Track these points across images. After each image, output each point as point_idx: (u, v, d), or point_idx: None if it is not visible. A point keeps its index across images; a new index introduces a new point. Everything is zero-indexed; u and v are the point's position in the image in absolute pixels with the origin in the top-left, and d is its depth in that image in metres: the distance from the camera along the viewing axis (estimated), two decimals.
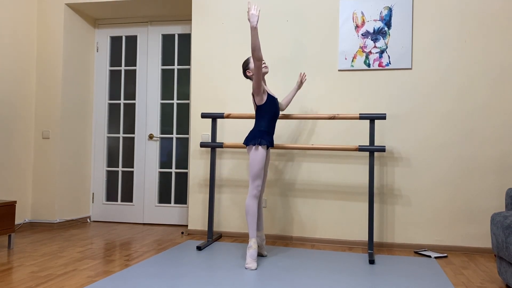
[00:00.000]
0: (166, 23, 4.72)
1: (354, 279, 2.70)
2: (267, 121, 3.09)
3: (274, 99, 3.13)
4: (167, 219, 4.63)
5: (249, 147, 3.04)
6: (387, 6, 3.74)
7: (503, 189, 3.53)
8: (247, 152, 3.12)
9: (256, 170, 2.99)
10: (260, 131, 3.06)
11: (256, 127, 3.10)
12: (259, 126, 3.09)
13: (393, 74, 3.74)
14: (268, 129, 3.09)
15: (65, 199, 4.45)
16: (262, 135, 3.04)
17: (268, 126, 3.09)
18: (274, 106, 3.11)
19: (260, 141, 3.00)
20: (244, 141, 3.08)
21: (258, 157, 2.99)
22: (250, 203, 3.00)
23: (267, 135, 3.07)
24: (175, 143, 4.68)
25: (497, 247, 2.52)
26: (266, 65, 3.09)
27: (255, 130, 3.08)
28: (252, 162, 3.00)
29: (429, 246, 3.62)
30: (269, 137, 3.09)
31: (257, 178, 3.00)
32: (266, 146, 3.06)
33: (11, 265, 2.90)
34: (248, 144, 3.04)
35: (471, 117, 3.60)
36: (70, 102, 4.51)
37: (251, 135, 3.06)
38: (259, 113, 3.10)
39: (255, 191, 3.01)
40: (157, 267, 2.88)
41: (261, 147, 3.00)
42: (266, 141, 3.03)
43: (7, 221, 3.34)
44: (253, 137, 3.04)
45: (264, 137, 3.03)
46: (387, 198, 3.71)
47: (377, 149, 3.38)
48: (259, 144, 3.00)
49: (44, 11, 4.44)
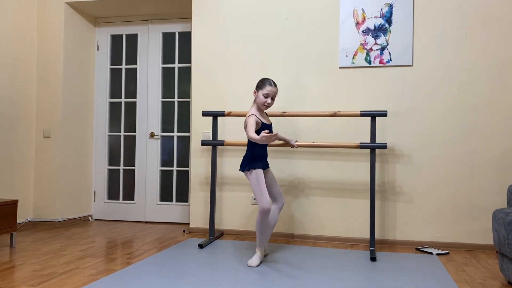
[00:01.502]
0: (166, 21, 4.72)
1: (355, 276, 2.71)
2: (260, 146, 3.02)
3: (268, 126, 3.04)
4: (169, 217, 4.64)
5: (245, 173, 3.01)
6: (387, 3, 3.73)
7: (505, 185, 3.52)
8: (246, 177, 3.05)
9: (258, 189, 2.91)
10: (253, 156, 3.00)
11: (249, 152, 3.02)
12: (252, 151, 3.01)
13: (394, 71, 3.73)
14: (261, 153, 3.03)
15: (66, 197, 4.46)
16: (255, 160, 2.98)
17: (261, 151, 3.03)
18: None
19: (254, 165, 2.95)
20: (240, 168, 3.04)
21: (258, 181, 2.92)
22: (258, 217, 2.93)
23: (260, 159, 3.01)
24: (176, 141, 4.68)
25: (499, 244, 2.51)
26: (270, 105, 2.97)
27: (248, 155, 3.02)
28: (253, 183, 2.94)
29: (430, 243, 3.62)
30: (263, 160, 3.04)
31: (262, 195, 2.89)
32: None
33: (13, 264, 2.90)
34: (243, 170, 3.02)
35: (473, 114, 3.59)
36: (71, 101, 4.51)
37: (245, 161, 3.02)
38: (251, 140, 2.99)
39: (263, 206, 2.89)
40: (158, 265, 2.89)
41: (255, 170, 2.95)
42: (262, 164, 2.99)
43: (9, 220, 3.34)
44: (247, 163, 3.00)
45: (258, 161, 2.98)
46: (389, 195, 3.71)
47: (378, 146, 3.38)
48: (253, 168, 2.95)
49: (44, 10, 4.44)
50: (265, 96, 2.95)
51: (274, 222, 3.12)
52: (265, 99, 2.95)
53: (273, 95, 2.97)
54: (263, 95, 2.95)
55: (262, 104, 2.97)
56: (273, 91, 2.96)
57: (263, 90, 2.95)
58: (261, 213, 2.87)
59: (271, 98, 2.96)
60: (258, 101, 2.98)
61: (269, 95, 2.95)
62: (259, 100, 2.97)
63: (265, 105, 2.97)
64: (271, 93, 2.95)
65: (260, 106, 3.00)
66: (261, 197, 2.87)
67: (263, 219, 2.90)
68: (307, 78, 3.89)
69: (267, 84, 2.96)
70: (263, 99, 2.95)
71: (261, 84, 2.98)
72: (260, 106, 2.99)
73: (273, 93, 2.96)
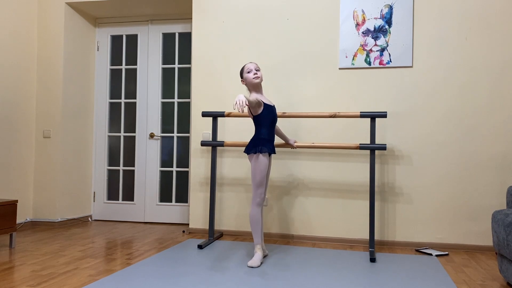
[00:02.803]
0: (166, 22, 4.72)
1: (355, 277, 2.71)
2: (267, 128, 3.01)
3: (271, 107, 3.05)
4: (168, 217, 4.64)
5: (250, 156, 2.98)
6: (387, 4, 3.73)
7: (504, 186, 3.53)
8: (249, 160, 3.04)
9: (258, 178, 2.93)
10: (261, 138, 2.98)
11: (256, 135, 3.01)
12: (259, 133, 3.00)
13: (394, 72, 3.73)
14: (269, 136, 3.01)
15: (66, 198, 4.46)
16: (263, 143, 2.97)
17: (268, 133, 3.01)
18: (271, 113, 3.03)
19: (261, 149, 2.93)
20: (245, 150, 3.01)
21: (260, 166, 2.93)
22: (254, 212, 2.94)
23: (268, 142, 3.00)
24: (176, 141, 4.68)
25: (498, 245, 2.51)
26: (258, 75, 3.01)
27: (255, 138, 3.00)
28: (254, 171, 2.94)
29: (430, 244, 3.62)
30: (270, 144, 3.02)
31: (260, 186, 2.93)
32: (268, 154, 3.01)
33: (12, 264, 2.90)
34: (249, 153, 2.98)
35: (472, 115, 3.59)
36: (71, 101, 4.52)
37: (252, 143, 2.99)
38: (257, 122, 3.02)
39: (259, 199, 2.95)
40: (158, 266, 2.89)
41: (262, 155, 2.94)
42: (268, 148, 2.96)
43: (8, 220, 3.34)
44: (254, 145, 2.97)
45: (266, 145, 2.96)
46: (388, 196, 3.71)
47: (378, 147, 3.38)
48: (260, 152, 2.93)
49: (45, 10, 4.44)
50: (249, 71, 3.03)
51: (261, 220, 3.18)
52: (251, 74, 3.01)
53: (255, 67, 3.04)
54: (247, 73, 3.03)
55: (252, 79, 3.01)
56: (252, 65, 3.05)
57: (245, 69, 3.07)
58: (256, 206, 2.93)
59: (255, 69, 3.03)
60: (249, 81, 3.03)
61: (251, 69, 3.03)
62: (249, 80, 3.03)
63: (255, 77, 3.01)
64: (252, 66, 3.05)
65: (252, 83, 3.03)
66: (259, 189, 2.93)
67: (258, 212, 2.94)
68: (307, 79, 3.89)
69: (244, 65, 3.09)
70: (250, 75, 3.02)
71: (241, 70, 3.11)
72: (253, 82, 3.02)
73: (254, 66, 3.05)
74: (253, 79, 3.00)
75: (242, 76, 3.08)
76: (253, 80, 3.00)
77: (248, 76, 3.02)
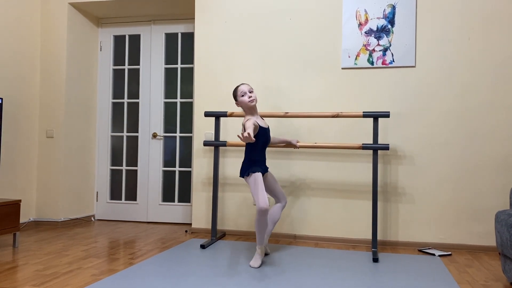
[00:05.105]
0: (169, 22, 4.73)
1: (358, 278, 2.70)
2: (258, 151, 3.03)
3: (265, 130, 3.04)
4: (171, 217, 4.65)
5: (246, 178, 3.00)
6: (390, 4, 3.72)
7: (508, 186, 3.52)
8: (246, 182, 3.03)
9: (255, 190, 2.89)
10: (252, 160, 3.01)
11: (247, 157, 3.03)
12: (251, 155, 3.02)
13: (396, 72, 3.73)
14: (260, 157, 3.05)
15: (69, 197, 4.47)
16: (254, 164, 2.98)
17: (260, 154, 3.05)
18: (264, 135, 3.03)
19: (254, 169, 2.95)
20: (240, 174, 3.05)
21: (255, 183, 2.91)
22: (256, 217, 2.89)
23: (259, 164, 3.02)
24: (178, 141, 4.69)
25: (502, 245, 2.51)
26: (253, 97, 3.01)
27: (246, 160, 3.03)
28: (251, 187, 2.93)
29: (433, 244, 3.61)
30: (262, 164, 3.06)
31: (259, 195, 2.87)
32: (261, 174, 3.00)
33: (16, 264, 2.91)
34: (242, 176, 3.02)
35: (475, 115, 3.58)
36: (74, 101, 4.53)
37: (244, 167, 3.02)
38: (249, 143, 3.01)
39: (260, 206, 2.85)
40: (161, 266, 2.89)
41: (254, 174, 2.95)
42: (261, 168, 2.98)
43: (12, 220, 3.36)
44: (246, 168, 3.00)
45: (256, 165, 2.98)
46: (391, 196, 3.70)
47: (380, 147, 3.38)
48: (253, 172, 2.95)
49: (48, 11, 4.45)
50: (243, 95, 3.02)
51: (277, 219, 3.20)
52: (245, 97, 3.01)
53: (249, 89, 3.03)
54: (241, 96, 3.03)
55: (247, 102, 3.01)
56: (246, 88, 3.03)
57: (238, 92, 3.05)
58: (259, 213, 2.85)
59: (249, 92, 3.02)
60: (244, 105, 3.04)
61: (245, 92, 3.02)
62: (244, 103, 3.03)
63: (250, 100, 3.01)
64: (245, 88, 3.03)
65: (247, 106, 3.03)
66: (258, 197, 2.87)
67: (261, 218, 2.88)
68: (309, 79, 3.89)
69: (237, 88, 3.07)
70: (246, 99, 3.01)
71: (234, 92, 3.09)
72: (248, 105, 3.03)
73: (247, 88, 3.04)
74: (249, 102, 3.01)
75: (236, 98, 3.07)
76: (249, 104, 3.02)
77: (243, 100, 3.02)
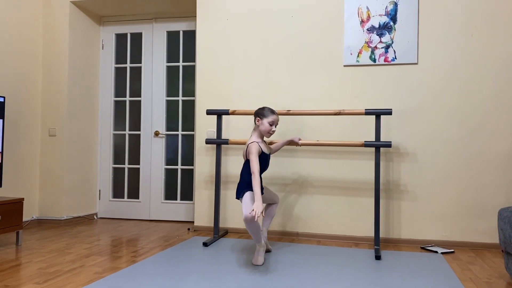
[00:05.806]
0: (171, 20, 4.72)
1: (360, 275, 2.70)
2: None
3: (266, 155, 3.02)
4: (173, 215, 4.65)
5: (240, 199, 2.95)
6: (392, 1, 3.71)
7: (511, 184, 3.51)
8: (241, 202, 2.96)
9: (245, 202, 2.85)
10: (247, 182, 2.94)
11: (243, 180, 2.97)
12: (247, 179, 2.94)
13: (399, 69, 3.72)
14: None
15: (72, 196, 4.48)
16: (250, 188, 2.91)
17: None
18: (264, 161, 3.01)
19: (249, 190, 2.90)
20: (236, 196, 3.01)
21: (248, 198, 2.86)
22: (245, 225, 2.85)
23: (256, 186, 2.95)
24: (180, 139, 4.69)
25: (505, 243, 2.50)
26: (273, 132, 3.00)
27: (242, 183, 2.97)
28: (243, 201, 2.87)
29: (435, 242, 3.61)
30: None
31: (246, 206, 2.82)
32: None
33: (19, 262, 2.92)
34: (238, 197, 2.98)
35: (478, 112, 3.57)
36: (76, 100, 4.53)
37: (239, 188, 2.98)
38: (247, 165, 2.97)
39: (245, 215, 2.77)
40: (163, 264, 2.90)
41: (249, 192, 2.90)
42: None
43: (15, 218, 3.37)
44: (241, 189, 2.95)
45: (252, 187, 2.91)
46: (393, 193, 3.70)
47: (383, 145, 3.37)
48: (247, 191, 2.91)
49: (50, 9, 4.45)
50: (270, 124, 2.97)
51: (273, 214, 3.29)
52: (270, 126, 2.98)
53: (277, 123, 3.02)
54: (268, 123, 2.97)
55: (267, 132, 2.98)
56: (277, 119, 3.01)
57: (268, 118, 2.97)
58: (244, 221, 2.77)
59: (275, 125, 3.00)
60: (263, 129, 2.99)
61: (274, 123, 2.99)
62: (264, 128, 2.98)
63: (270, 133, 3.00)
64: (276, 121, 3.00)
65: (264, 134, 3.01)
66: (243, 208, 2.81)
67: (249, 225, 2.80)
68: (311, 76, 3.89)
69: (270, 112, 2.99)
70: (268, 127, 2.97)
71: (264, 113, 2.99)
72: (265, 134, 3.01)
73: (277, 121, 3.02)
74: (268, 133, 2.99)
75: (262, 118, 2.99)
76: (267, 135, 3.01)
77: (266, 128, 2.96)
